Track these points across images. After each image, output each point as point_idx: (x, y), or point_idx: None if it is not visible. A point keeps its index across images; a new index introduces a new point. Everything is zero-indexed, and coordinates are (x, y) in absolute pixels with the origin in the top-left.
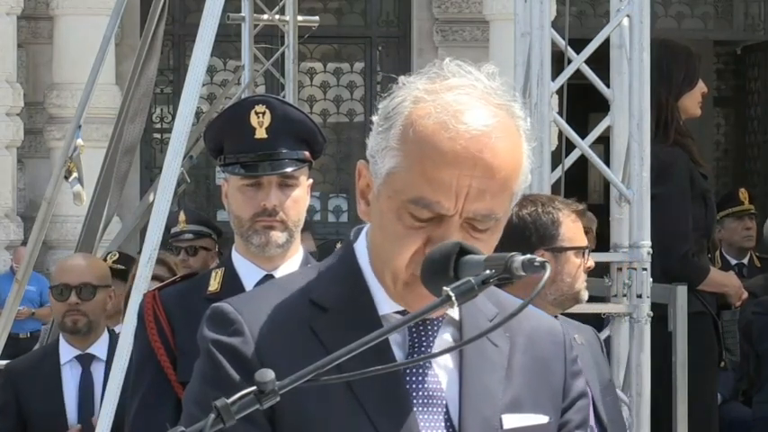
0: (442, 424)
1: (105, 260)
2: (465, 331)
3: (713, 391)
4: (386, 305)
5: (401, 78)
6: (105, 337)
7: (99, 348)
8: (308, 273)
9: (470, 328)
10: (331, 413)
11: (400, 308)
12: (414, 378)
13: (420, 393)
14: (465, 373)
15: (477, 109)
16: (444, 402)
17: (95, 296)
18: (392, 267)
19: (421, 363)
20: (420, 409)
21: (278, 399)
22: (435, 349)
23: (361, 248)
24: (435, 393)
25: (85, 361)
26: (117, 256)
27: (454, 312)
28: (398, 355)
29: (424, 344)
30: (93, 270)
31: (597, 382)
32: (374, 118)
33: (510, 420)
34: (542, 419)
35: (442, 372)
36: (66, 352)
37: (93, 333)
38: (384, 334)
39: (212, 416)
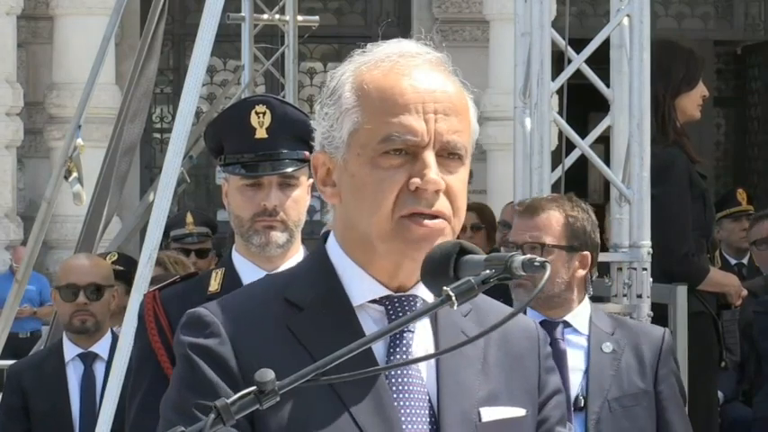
0: (426, 412)
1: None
2: (439, 323)
3: (713, 390)
4: (361, 296)
5: (329, 73)
6: (108, 336)
7: (101, 347)
8: (281, 274)
9: (444, 321)
10: (311, 407)
11: (376, 294)
12: (396, 372)
13: (400, 381)
14: (442, 368)
15: (417, 53)
16: (427, 396)
17: (102, 296)
18: (377, 219)
19: (401, 355)
20: (400, 398)
21: (278, 399)
22: (415, 332)
23: (332, 246)
24: (416, 387)
25: (88, 359)
26: (116, 256)
27: (431, 301)
28: (379, 345)
29: (404, 332)
30: (99, 270)
31: (602, 393)
32: (314, 123)
33: (488, 413)
34: (519, 412)
35: (422, 365)
36: (70, 350)
37: (98, 332)
38: (384, 334)
39: (212, 416)
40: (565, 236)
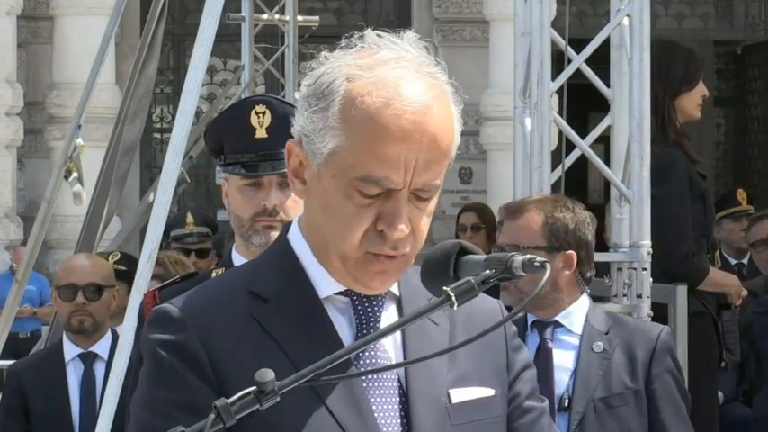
0: (396, 405)
1: (107, 260)
2: (405, 310)
3: (714, 391)
4: (326, 288)
5: (323, 54)
6: (108, 336)
7: (101, 347)
8: (245, 267)
9: (410, 306)
10: (286, 401)
11: (341, 287)
12: (366, 360)
13: (372, 375)
14: (410, 353)
15: (415, 82)
16: (397, 383)
17: (101, 296)
18: (343, 247)
19: (372, 345)
20: (373, 393)
21: (278, 399)
22: (382, 320)
23: (295, 237)
24: (386, 374)
25: (88, 359)
26: (119, 256)
27: (394, 289)
28: (347, 336)
29: (372, 321)
30: (98, 270)
31: (587, 393)
32: (298, 95)
33: (458, 394)
34: (489, 392)
35: (391, 351)
36: (70, 350)
37: (97, 332)
38: (382, 335)
39: (212, 416)
40: (543, 236)
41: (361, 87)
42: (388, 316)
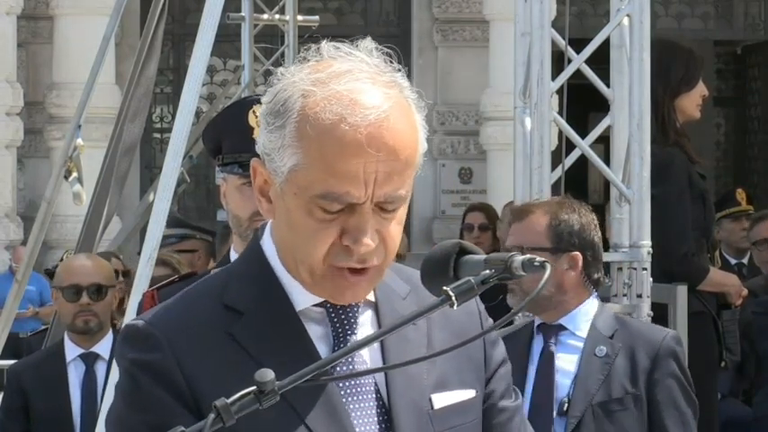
0: (374, 411)
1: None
2: (381, 313)
3: (713, 390)
4: (302, 301)
5: (280, 70)
6: (109, 336)
7: (103, 347)
8: (218, 277)
9: (386, 309)
10: (260, 414)
11: (318, 299)
12: (344, 367)
13: (349, 383)
14: (388, 358)
15: (370, 93)
16: (374, 389)
17: (105, 296)
18: (309, 262)
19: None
20: (350, 399)
21: (278, 398)
22: (359, 335)
23: (268, 246)
24: (364, 379)
25: (89, 360)
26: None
27: (370, 295)
28: (323, 347)
29: (348, 332)
30: (100, 270)
31: (586, 397)
32: (260, 111)
33: (439, 399)
34: (470, 394)
35: (368, 358)
36: (71, 351)
37: (100, 332)
38: (380, 336)
39: (212, 416)
40: (548, 238)
41: (314, 104)
42: (365, 323)
